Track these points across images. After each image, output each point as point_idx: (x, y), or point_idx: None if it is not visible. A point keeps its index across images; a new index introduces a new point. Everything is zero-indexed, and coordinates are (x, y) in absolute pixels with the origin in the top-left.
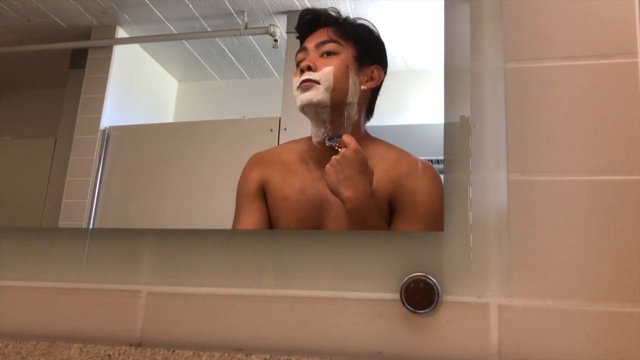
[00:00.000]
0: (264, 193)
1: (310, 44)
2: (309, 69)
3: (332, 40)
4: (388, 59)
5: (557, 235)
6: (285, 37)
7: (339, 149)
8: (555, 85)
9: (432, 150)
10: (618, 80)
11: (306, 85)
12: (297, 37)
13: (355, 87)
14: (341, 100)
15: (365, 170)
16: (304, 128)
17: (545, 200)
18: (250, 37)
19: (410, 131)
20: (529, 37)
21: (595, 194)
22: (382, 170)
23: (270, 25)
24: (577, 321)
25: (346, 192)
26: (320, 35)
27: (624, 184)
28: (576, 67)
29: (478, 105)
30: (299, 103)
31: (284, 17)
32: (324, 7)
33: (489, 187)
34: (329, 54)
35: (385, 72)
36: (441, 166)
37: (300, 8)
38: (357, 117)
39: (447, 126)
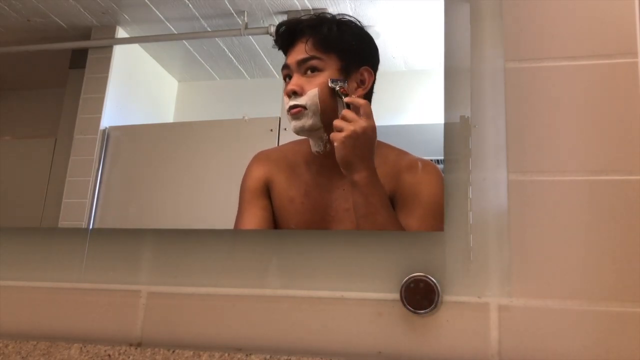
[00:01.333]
0: (268, 192)
1: (292, 60)
2: (295, 93)
3: (313, 57)
4: (388, 59)
5: (557, 235)
6: None
7: (343, 95)
8: (555, 85)
9: (432, 150)
10: (618, 80)
11: (295, 112)
12: (279, 50)
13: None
14: (332, 119)
15: (373, 148)
16: None
17: (545, 200)
18: (250, 37)
19: (410, 131)
20: (528, 37)
21: (595, 194)
22: (384, 169)
23: (270, 25)
24: (577, 321)
25: (360, 167)
26: (299, 51)
27: (624, 184)
28: (576, 67)
29: (478, 105)
30: (292, 128)
31: (284, 17)
32: (323, 7)
33: (489, 187)
34: (313, 69)
35: (376, 69)
36: (441, 166)
37: (300, 8)
38: None
39: (447, 126)
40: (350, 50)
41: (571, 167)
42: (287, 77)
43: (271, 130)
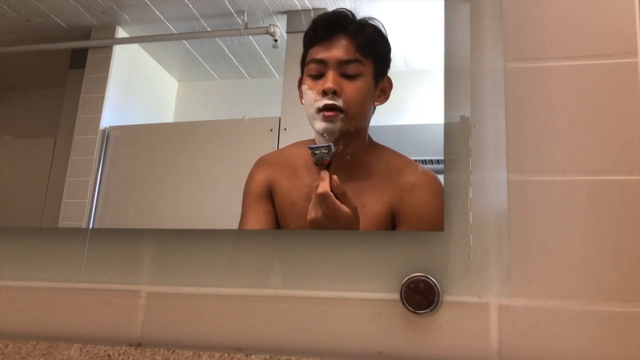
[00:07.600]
0: (271, 196)
1: (332, 56)
2: (335, 93)
3: (357, 60)
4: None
5: (557, 235)
6: (285, 37)
7: (324, 167)
8: (555, 85)
9: (432, 150)
10: (618, 80)
11: (331, 116)
12: (310, 42)
13: (372, 107)
14: (361, 124)
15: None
16: (303, 128)
17: (545, 200)
18: (250, 37)
19: (410, 131)
20: (528, 37)
21: (595, 194)
22: (386, 179)
23: (270, 25)
24: (577, 321)
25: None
26: (343, 50)
27: (624, 184)
28: (576, 67)
29: (478, 105)
30: (319, 127)
31: (284, 17)
32: (323, 7)
33: (489, 187)
34: (351, 72)
35: None
36: (441, 166)
37: (300, 8)
38: (365, 128)
39: (447, 126)
40: (382, 58)
41: (571, 167)
42: (317, 72)
43: (271, 130)
